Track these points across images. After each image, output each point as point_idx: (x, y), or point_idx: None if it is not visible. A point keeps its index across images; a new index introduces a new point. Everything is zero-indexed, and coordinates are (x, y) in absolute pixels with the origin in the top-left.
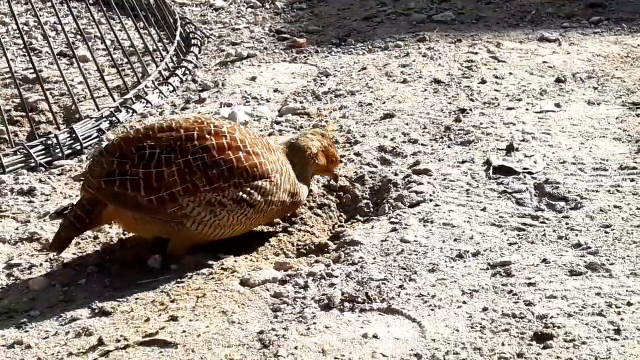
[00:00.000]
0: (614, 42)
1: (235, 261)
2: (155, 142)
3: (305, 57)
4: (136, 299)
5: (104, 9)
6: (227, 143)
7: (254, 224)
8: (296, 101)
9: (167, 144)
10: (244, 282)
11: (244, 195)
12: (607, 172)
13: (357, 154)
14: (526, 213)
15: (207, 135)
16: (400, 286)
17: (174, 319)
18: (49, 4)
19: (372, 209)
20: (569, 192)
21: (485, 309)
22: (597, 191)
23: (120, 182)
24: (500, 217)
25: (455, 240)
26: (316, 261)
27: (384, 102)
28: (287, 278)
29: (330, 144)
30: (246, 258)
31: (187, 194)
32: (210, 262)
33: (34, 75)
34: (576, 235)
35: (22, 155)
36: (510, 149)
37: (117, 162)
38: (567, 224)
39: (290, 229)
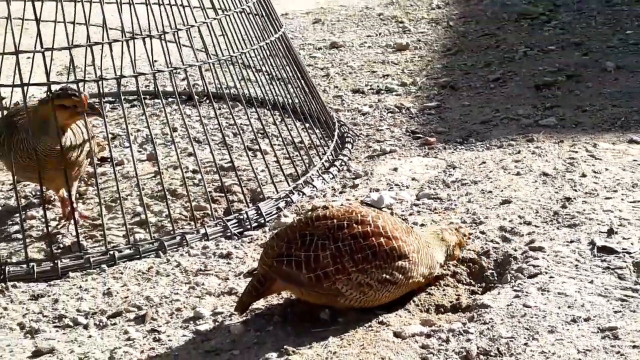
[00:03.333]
0: None
1: (389, 317)
2: (314, 230)
3: (435, 152)
4: (310, 345)
5: (281, 112)
6: (370, 230)
7: (399, 295)
8: (430, 188)
9: (322, 232)
10: (397, 334)
11: (387, 276)
12: None
13: (482, 232)
14: (627, 286)
15: (354, 225)
16: (525, 344)
17: None
18: (236, 109)
19: (496, 278)
20: None
21: None
22: None
23: (287, 262)
24: (605, 289)
25: (569, 307)
26: (454, 320)
27: (502, 190)
28: (432, 333)
29: (462, 240)
30: (397, 314)
31: (338, 273)
32: (369, 316)
33: (229, 165)
34: None
35: (221, 227)
36: (610, 232)
37: (285, 246)
38: None
39: (431, 291)
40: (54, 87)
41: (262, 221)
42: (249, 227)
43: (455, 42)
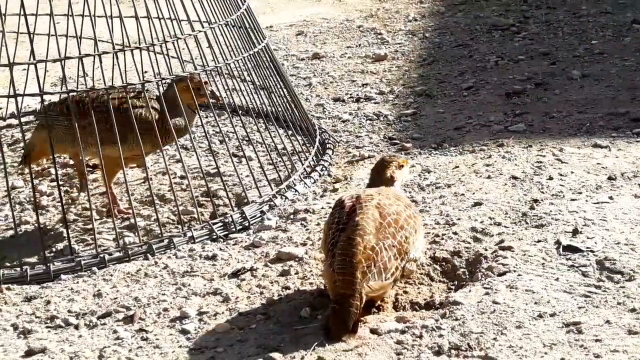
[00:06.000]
0: None
1: (366, 315)
2: (378, 241)
3: (411, 157)
4: (290, 342)
5: (265, 120)
6: (401, 210)
7: None
8: (406, 191)
9: (383, 236)
10: (373, 331)
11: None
12: None
13: (455, 233)
14: (590, 283)
15: (393, 215)
16: (494, 338)
17: (321, 358)
18: (222, 117)
19: (468, 277)
20: (624, 267)
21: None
22: None
23: (371, 276)
24: (570, 285)
25: (535, 303)
26: (427, 316)
27: (474, 193)
28: (406, 329)
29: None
30: (374, 312)
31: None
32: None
33: (215, 170)
34: (632, 302)
35: (207, 230)
36: (575, 232)
37: (365, 266)
38: (624, 292)
39: (406, 289)
40: (46, 97)
41: (247, 224)
42: (234, 230)
43: (430, 53)
